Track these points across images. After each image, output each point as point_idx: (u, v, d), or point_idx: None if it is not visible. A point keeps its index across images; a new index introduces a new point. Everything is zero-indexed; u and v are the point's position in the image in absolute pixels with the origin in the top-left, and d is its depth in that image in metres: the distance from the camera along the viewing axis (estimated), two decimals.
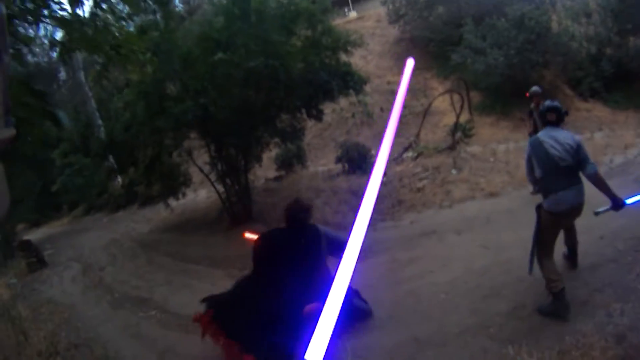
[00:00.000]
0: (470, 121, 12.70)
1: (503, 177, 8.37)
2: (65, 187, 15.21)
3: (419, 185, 8.84)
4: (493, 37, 14.61)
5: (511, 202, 7.02)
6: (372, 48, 18.91)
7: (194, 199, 12.73)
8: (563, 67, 15.31)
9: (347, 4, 26.10)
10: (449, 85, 15.81)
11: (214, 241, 8.70)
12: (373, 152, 12.29)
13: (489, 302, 4.21)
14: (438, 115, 14.75)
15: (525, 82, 14.26)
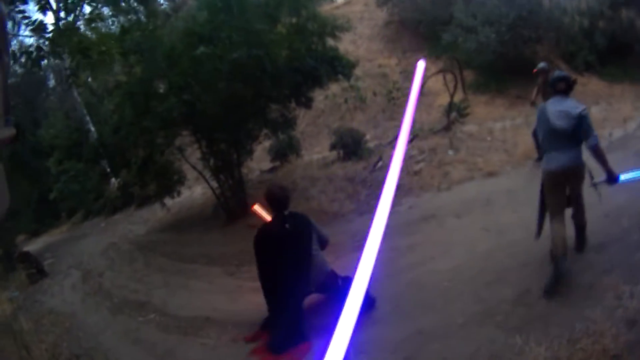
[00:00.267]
0: (464, 100, 12.49)
1: (501, 156, 8.20)
2: (62, 195, 15.08)
3: (416, 168, 8.65)
4: (484, 15, 14.34)
5: (511, 182, 6.88)
6: (362, 32, 18.62)
7: (190, 197, 12.59)
8: (556, 42, 15.13)
9: None
10: (442, 65, 15.57)
11: (210, 238, 8.57)
12: (368, 137, 12.15)
13: (494, 289, 4.09)
14: (431, 95, 14.52)
15: (518, 59, 14.11)
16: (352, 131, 11.38)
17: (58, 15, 3.93)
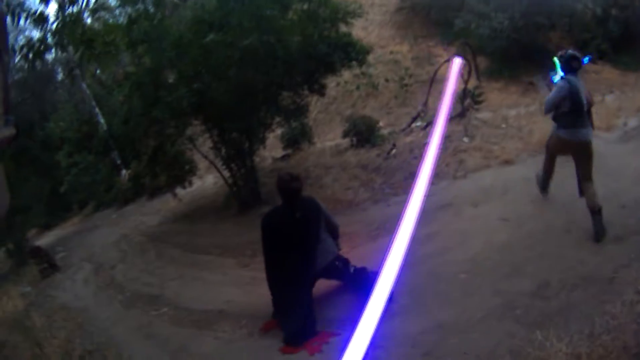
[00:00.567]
0: (478, 87, 12.26)
1: (517, 144, 8.00)
2: (73, 187, 15.13)
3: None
4: (497, 1, 14.15)
5: (528, 170, 6.67)
6: (373, 18, 18.34)
7: (202, 186, 12.53)
8: (569, 29, 14.95)
9: None
10: (454, 51, 15.35)
11: (223, 228, 8.48)
12: (381, 124, 12.01)
13: (512, 281, 4.00)
14: (444, 82, 14.32)
15: (531, 46, 13.89)
16: (365, 118, 11.29)
17: (62, 6, 3.82)
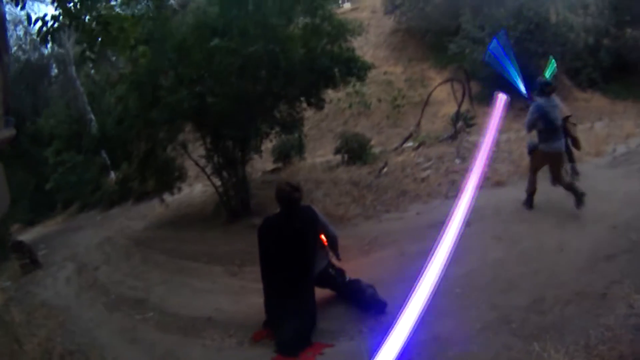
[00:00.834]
0: (470, 110, 12.48)
1: (508, 167, 8.15)
2: (58, 186, 14.92)
3: (423, 175, 8.60)
4: (492, 27, 14.42)
5: (519, 192, 6.77)
6: (368, 39, 18.68)
7: (190, 194, 12.45)
8: (561, 58, 15.19)
9: None
10: (447, 75, 15.65)
11: (212, 236, 8.41)
12: (373, 143, 12.10)
13: (508, 296, 4.05)
14: (436, 105, 14.54)
15: (524, 72, 14.10)
16: (358, 136, 11.42)
17: None
